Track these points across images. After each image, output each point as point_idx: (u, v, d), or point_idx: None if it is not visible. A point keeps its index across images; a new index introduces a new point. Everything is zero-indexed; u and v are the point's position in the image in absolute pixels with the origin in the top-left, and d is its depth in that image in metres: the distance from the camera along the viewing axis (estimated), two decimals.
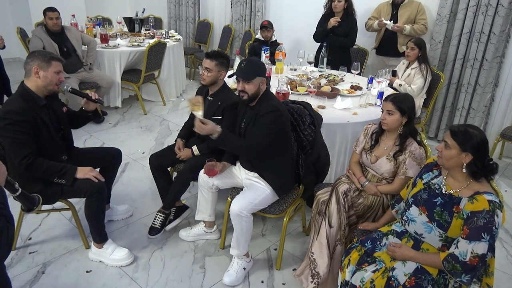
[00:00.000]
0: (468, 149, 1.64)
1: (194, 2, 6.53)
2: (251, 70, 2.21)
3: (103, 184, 2.36)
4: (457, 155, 1.66)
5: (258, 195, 2.29)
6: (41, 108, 2.20)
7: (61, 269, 2.38)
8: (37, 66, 2.14)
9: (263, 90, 2.27)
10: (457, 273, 1.57)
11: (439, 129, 4.48)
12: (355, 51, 4.78)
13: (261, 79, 2.22)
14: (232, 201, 2.27)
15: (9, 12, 6.82)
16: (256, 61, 2.32)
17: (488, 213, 1.55)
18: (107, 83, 4.57)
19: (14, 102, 2.12)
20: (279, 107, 2.23)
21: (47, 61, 2.15)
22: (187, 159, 2.68)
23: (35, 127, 2.14)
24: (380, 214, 2.22)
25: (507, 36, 3.86)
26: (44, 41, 4.16)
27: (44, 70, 2.15)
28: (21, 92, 2.17)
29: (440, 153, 1.72)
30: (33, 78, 2.16)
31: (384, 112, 2.18)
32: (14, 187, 1.52)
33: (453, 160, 1.68)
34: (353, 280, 1.78)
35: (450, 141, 1.67)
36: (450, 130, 1.69)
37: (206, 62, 2.55)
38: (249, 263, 2.43)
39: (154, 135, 4.30)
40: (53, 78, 2.19)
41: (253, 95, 2.23)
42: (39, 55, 2.16)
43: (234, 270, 2.35)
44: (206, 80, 2.57)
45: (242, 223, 2.24)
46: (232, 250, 2.36)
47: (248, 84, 2.20)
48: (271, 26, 4.73)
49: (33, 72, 2.14)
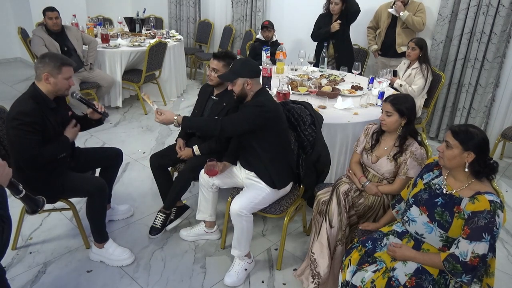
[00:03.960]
0: (470, 148, 1.63)
1: (195, 2, 6.53)
2: (232, 71, 2.24)
3: (104, 184, 2.36)
4: (459, 154, 1.66)
5: (258, 194, 2.28)
6: (50, 110, 2.21)
7: (62, 269, 2.38)
8: (47, 73, 2.14)
9: (253, 90, 2.25)
10: (457, 273, 1.57)
11: (440, 129, 4.48)
12: (356, 51, 4.78)
13: (244, 80, 2.20)
14: (232, 201, 2.27)
15: (10, 12, 6.83)
16: (242, 62, 2.26)
17: (489, 213, 1.54)
18: (108, 83, 4.58)
19: (26, 103, 2.12)
20: (266, 103, 2.20)
21: (57, 68, 2.14)
22: (187, 159, 2.68)
23: (43, 128, 2.15)
24: (380, 214, 2.22)
25: (508, 36, 3.86)
26: (45, 41, 4.17)
27: (54, 77, 2.15)
28: (33, 93, 2.17)
29: (442, 154, 1.72)
30: (43, 83, 2.16)
31: (383, 113, 2.18)
32: (18, 189, 1.52)
33: (456, 160, 1.67)
34: (354, 280, 1.78)
35: (452, 140, 1.67)
36: (451, 130, 1.69)
37: (213, 63, 2.55)
38: (251, 264, 2.43)
39: (154, 135, 4.30)
40: (63, 85, 2.19)
41: (240, 94, 2.24)
42: (50, 62, 2.14)
43: (235, 270, 2.35)
44: (214, 80, 2.58)
45: (243, 223, 2.24)
46: (233, 250, 2.36)
47: (232, 85, 2.23)
48: (272, 26, 4.73)
49: (43, 78, 2.14)
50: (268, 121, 2.19)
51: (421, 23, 4.11)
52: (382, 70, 3.49)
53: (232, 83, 2.23)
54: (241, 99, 2.27)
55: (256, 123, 2.17)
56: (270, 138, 2.25)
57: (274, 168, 2.29)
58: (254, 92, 2.26)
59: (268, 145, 2.26)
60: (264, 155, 2.27)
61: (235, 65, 2.25)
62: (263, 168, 2.30)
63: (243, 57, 2.49)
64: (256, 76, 2.26)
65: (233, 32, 6.02)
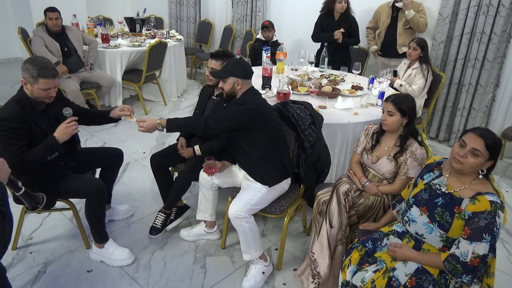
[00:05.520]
0: (493, 157, 1.64)
1: (195, 2, 6.53)
2: (225, 69, 2.25)
3: (102, 185, 2.35)
4: (482, 163, 1.64)
5: (255, 195, 2.27)
6: (40, 113, 2.15)
7: (62, 268, 2.38)
8: (25, 80, 2.09)
9: (242, 90, 2.25)
10: (458, 274, 1.57)
11: (440, 129, 4.48)
12: (356, 51, 4.78)
13: (235, 79, 2.21)
14: (230, 205, 2.25)
15: (10, 12, 6.84)
16: (236, 61, 2.26)
17: (490, 214, 1.54)
18: (108, 83, 4.58)
19: (10, 108, 2.07)
20: (249, 101, 2.22)
21: (34, 77, 2.05)
22: (188, 159, 2.68)
23: (30, 133, 2.09)
24: (381, 214, 2.22)
25: (508, 36, 3.86)
26: (46, 41, 4.17)
27: (31, 85, 2.08)
28: (19, 97, 2.12)
29: (464, 160, 1.63)
30: (24, 87, 2.11)
31: (385, 113, 2.18)
32: (18, 186, 1.52)
33: (476, 168, 1.66)
34: (354, 280, 1.78)
35: (483, 150, 1.60)
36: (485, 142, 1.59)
37: (211, 63, 2.55)
38: (268, 267, 2.38)
39: (155, 135, 4.30)
40: (39, 94, 2.10)
41: (229, 93, 2.26)
42: (30, 68, 2.05)
43: (252, 274, 2.31)
44: (213, 80, 2.58)
45: (244, 225, 2.23)
46: (245, 255, 2.32)
47: (223, 83, 2.25)
48: (272, 26, 4.73)
49: (22, 82, 2.11)
50: (251, 119, 2.19)
51: (424, 24, 4.11)
52: (382, 70, 3.49)
53: (223, 81, 2.25)
54: (230, 98, 2.28)
55: (239, 121, 2.18)
56: (257, 135, 2.25)
57: (264, 165, 2.28)
58: (241, 92, 2.26)
59: (256, 142, 2.26)
60: (253, 153, 2.27)
61: (228, 64, 2.26)
62: (253, 167, 2.31)
63: (238, 57, 2.49)
64: (247, 78, 2.25)
65: (233, 32, 6.02)
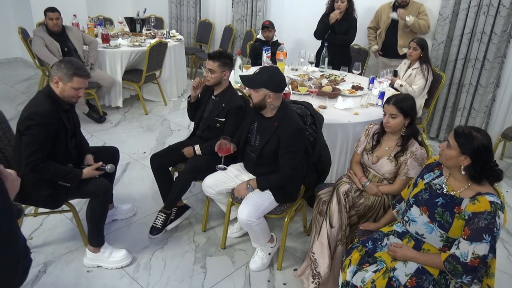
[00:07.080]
0: (467, 152, 1.63)
1: (195, 2, 6.53)
2: (259, 79, 2.17)
3: (108, 184, 2.36)
4: (456, 156, 1.66)
5: (265, 200, 2.27)
6: (64, 112, 2.22)
7: (62, 268, 2.38)
8: (58, 77, 2.14)
9: (273, 104, 2.20)
10: (458, 274, 1.57)
11: (440, 129, 4.48)
12: (356, 51, 4.78)
13: (268, 92, 2.14)
14: (239, 209, 2.25)
15: (10, 12, 6.84)
16: (271, 74, 2.18)
17: (490, 214, 1.54)
18: (108, 83, 4.58)
19: (43, 104, 2.12)
20: (301, 125, 2.22)
21: (69, 76, 2.13)
22: (188, 159, 2.68)
23: (56, 131, 2.14)
24: (381, 214, 2.22)
25: (508, 36, 3.86)
26: (46, 41, 4.17)
27: (63, 83, 2.15)
28: (49, 94, 2.17)
29: (441, 151, 1.73)
30: (54, 85, 2.17)
31: (387, 115, 2.16)
32: None
33: (452, 161, 1.68)
34: (354, 281, 1.78)
35: (452, 141, 1.67)
36: (455, 131, 1.69)
37: (209, 64, 2.54)
38: (274, 248, 2.47)
39: (155, 135, 4.30)
40: (70, 93, 2.18)
41: (258, 104, 2.19)
42: (64, 67, 2.13)
43: (259, 256, 2.41)
44: (211, 81, 2.58)
45: (254, 228, 2.26)
46: (254, 244, 2.41)
47: (254, 92, 2.18)
48: (272, 26, 4.73)
49: (53, 81, 2.15)
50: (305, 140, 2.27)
51: (426, 26, 4.11)
52: (382, 70, 3.49)
53: (254, 90, 2.17)
54: (258, 108, 2.22)
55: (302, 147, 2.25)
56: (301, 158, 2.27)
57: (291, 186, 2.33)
58: (275, 107, 2.21)
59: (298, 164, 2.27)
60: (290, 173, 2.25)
61: (262, 74, 2.18)
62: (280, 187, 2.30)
63: (272, 66, 2.41)
64: (280, 91, 2.20)
65: (233, 32, 6.02)
